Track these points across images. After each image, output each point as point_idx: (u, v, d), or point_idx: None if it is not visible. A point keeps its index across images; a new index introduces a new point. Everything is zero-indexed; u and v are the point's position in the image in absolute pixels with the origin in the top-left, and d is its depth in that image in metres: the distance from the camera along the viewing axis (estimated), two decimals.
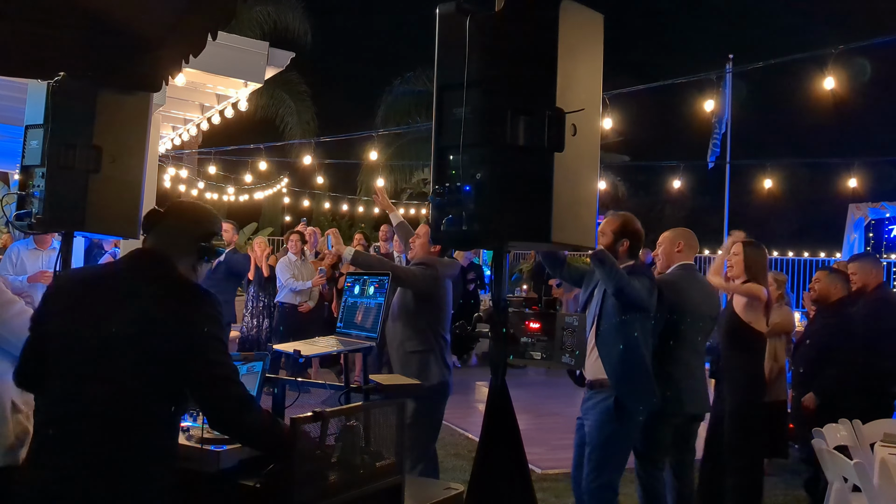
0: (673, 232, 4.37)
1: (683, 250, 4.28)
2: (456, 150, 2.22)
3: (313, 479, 2.19)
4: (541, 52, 2.15)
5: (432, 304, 4.41)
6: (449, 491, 2.77)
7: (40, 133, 2.82)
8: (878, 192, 13.04)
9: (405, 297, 4.41)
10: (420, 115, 19.56)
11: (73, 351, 2.08)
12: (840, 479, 3.84)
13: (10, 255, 5.93)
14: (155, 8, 2.64)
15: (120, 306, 2.08)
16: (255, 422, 2.17)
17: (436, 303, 4.41)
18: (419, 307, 4.37)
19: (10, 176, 9.48)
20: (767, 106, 26.15)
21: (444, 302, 4.46)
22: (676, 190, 11.48)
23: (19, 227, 2.96)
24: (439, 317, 4.42)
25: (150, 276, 2.16)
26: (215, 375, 2.09)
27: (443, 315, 4.46)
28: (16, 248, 5.97)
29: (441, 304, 4.44)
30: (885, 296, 5.35)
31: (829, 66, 6.83)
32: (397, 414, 2.54)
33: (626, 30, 28.99)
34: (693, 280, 4.22)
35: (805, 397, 5.06)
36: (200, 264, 2.28)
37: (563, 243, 2.22)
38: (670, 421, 3.99)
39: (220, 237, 2.36)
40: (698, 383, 4.09)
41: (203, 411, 2.17)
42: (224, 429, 2.20)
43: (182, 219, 2.31)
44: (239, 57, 5.74)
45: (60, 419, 2.04)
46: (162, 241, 2.25)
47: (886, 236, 11.33)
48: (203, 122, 7.47)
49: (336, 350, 3.18)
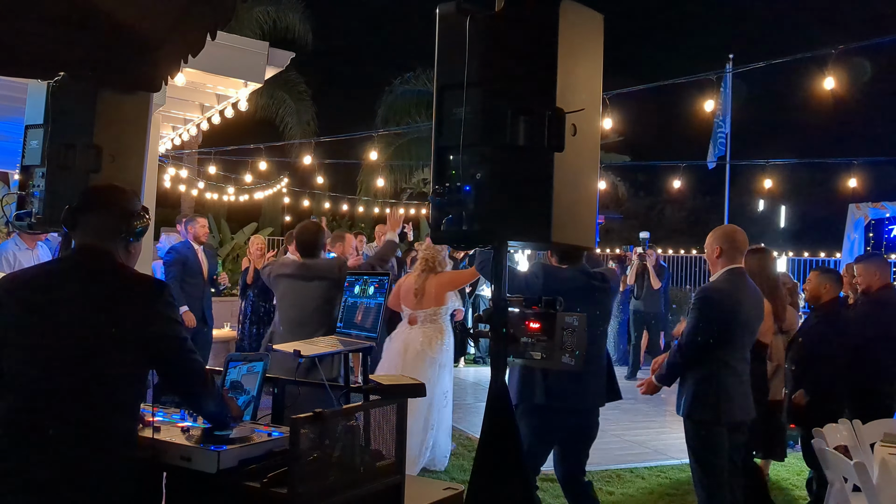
0: (711, 235, 4.11)
1: (724, 254, 3.98)
2: (456, 150, 2.22)
3: (313, 479, 2.19)
4: (541, 52, 2.15)
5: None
6: (449, 491, 2.77)
7: (40, 133, 2.82)
8: (878, 192, 13.03)
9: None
10: (420, 115, 19.55)
11: (35, 350, 2.11)
12: (840, 479, 3.85)
13: (6, 256, 5.92)
14: (155, 8, 2.64)
15: (80, 305, 2.14)
16: (216, 392, 2.42)
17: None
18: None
19: (10, 176, 9.46)
20: (767, 106, 26.17)
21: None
22: (676, 190, 11.48)
23: (19, 227, 2.96)
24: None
25: (100, 271, 2.23)
26: (180, 352, 2.25)
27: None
28: (10, 251, 5.97)
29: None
30: (885, 297, 5.34)
31: (829, 66, 6.83)
32: (397, 414, 2.53)
33: (626, 30, 28.98)
34: (740, 286, 3.97)
35: (795, 394, 5.08)
36: (129, 247, 2.33)
37: (563, 243, 2.22)
38: (724, 428, 3.89)
39: (141, 215, 2.35)
40: (746, 390, 3.98)
41: (171, 386, 2.47)
42: (194, 400, 2.41)
43: (100, 208, 2.31)
44: (239, 57, 5.74)
45: (25, 411, 2.08)
46: (91, 235, 2.27)
47: (886, 236, 11.31)
48: (203, 122, 7.47)
49: (336, 350, 3.18)
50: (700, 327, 3.86)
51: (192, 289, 6.97)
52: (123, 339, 2.13)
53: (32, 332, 2.12)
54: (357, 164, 17.02)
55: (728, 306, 3.89)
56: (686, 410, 3.91)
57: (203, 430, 2.42)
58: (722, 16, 33.78)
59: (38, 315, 2.13)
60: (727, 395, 3.86)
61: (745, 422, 4.00)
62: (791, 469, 6.16)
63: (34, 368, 2.10)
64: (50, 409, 2.06)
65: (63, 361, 2.09)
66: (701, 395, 3.86)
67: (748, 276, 4.06)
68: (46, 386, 2.08)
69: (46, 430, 2.04)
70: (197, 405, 2.45)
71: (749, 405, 3.98)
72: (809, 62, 7.32)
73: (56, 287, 2.19)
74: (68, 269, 2.27)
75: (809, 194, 21.49)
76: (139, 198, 2.47)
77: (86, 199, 2.33)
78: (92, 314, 2.13)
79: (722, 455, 3.89)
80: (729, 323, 3.89)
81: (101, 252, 2.25)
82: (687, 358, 3.92)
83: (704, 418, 3.86)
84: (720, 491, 3.89)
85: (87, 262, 2.24)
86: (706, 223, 20.68)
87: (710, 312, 3.88)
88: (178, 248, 7.14)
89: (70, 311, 2.13)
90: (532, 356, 2.35)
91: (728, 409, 3.86)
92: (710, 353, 3.86)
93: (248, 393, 2.71)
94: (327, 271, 4.57)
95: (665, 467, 6.22)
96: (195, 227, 7.15)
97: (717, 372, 3.87)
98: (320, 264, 4.67)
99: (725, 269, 3.99)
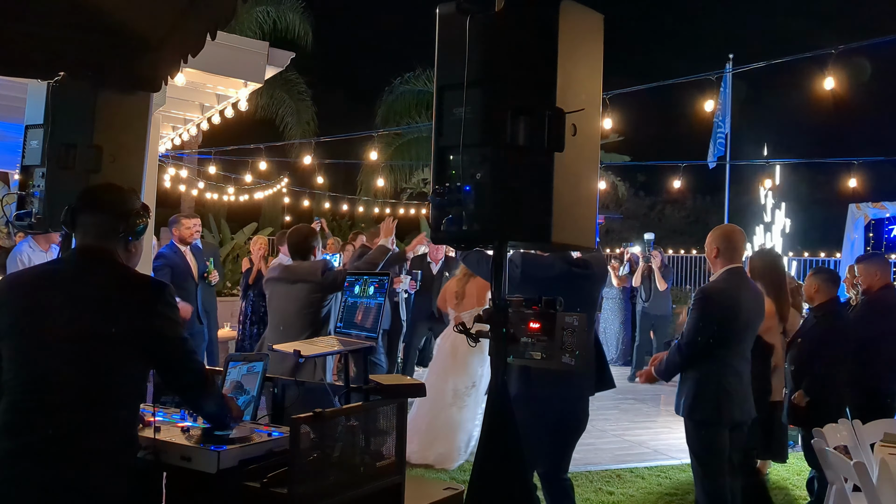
0: (710, 235, 4.10)
1: (721, 254, 3.98)
2: (456, 150, 2.22)
3: (313, 479, 2.19)
4: (541, 52, 2.15)
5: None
6: (449, 491, 2.77)
7: (40, 133, 2.82)
8: (879, 192, 13.03)
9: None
10: (420, 115, 19.55)
11: (34, 350, 2.11)
12: (840, 479, 3.85)
13: (21, 258, 5.90)
14: (155, 8, 2.64)
15: (80, 305, 2.15)
16: (216, 392, 2.44)
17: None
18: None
19: (10, 176, 9.45)
20: (767, 106, 26.18)
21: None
22: (676, 190, 11.47)
23: (19, 227, 2.96)
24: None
25: (100, 272, 2.23)
26: (180, 352, 2.27)
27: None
28: (24, 253, 5.94)
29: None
30: (886, 297, 5.34)
31: (829, 66, 6.82)
32: (397, 414, 2.53)
33: (626, 30, 29.00)
34: (740, 285, 3.97)
35: (795, 395, 5.08)
36: (129, 246, 2.32)
37: (563, 243, 2.22)
38: (725, 428, 3.89)
39: (140, 214, 2.34)
40: (747, 389, 3.97)
41: (172, 386, 2.46)
42: (193, 400, 2.42)
43: (99, 208, 2.31)
44: (239, 57, 5.74)
45: (24, 411, 2.08)
46: (91, 235, 2.27)
47: (886, 236, 11.31)
48: (203, 122, 7.47)
49: (336, 350, 3.18)
50: (700, 327, 3.86)
51: (183, 291, 6.92)
52: (123, 340, 2.14)
53: (32, 332, 2.13)
54: (357, 164, 17.01)
55: (728, 306, 3.89)
56: (686, 410, 3.91)
57: (203, 430, 2.43)
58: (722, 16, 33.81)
59: (39, 315, 2.14)
60: (727, 395, 3.85)
61: (746, 422, 3.99)
62: (791, 469, 6.16)
63: (34, 368, 2.10)
64: (49, 408, 2.06)
65: (63, 362, 2.09)
66: (701, 395, 3.86)
67: (748, 276, 4.06)
68: (46, 386, 2.08)
69: (46, 429, 2.04)
70: (196, 405, 2.45)
71: (749, 405, 3.98)
72: (809, 62, 7.32)
73: (56, 288, 2.19)
74: (68, 269, 2.28)
75: (809, 194, 21.48)
76: (138, 196, 2.46)
77: (84, 200, 2.33)
78: (92, 315, 2.13)
79: (722, 455, 3.88)
80: (729, 322, 3.88)
81: (100, 252, 2.25)
82: (687, 357, 3.91)
83: (705, 418, 3.86)
84: (720, 491, 3.88)
85: (87, 262, 2.25)
86: (706, 223, 20.71)
87: (709, 312, 3.88)
88: (164, 252, 7.12)
89: (70, 312, 2.13)
90: (532, 356, 2.35)
91: (728, 409, 3.85)
92: (710, 353, 3.86)
93: (248, 393, 2.71)
94: (309, 274, 4.57)
95: (665, 467, 6.22)
96: (180, 228, 7.12)
97: (718, 372, 3.86)
98: (303, 267, 4.67)
99: (725, 269, 4.00)
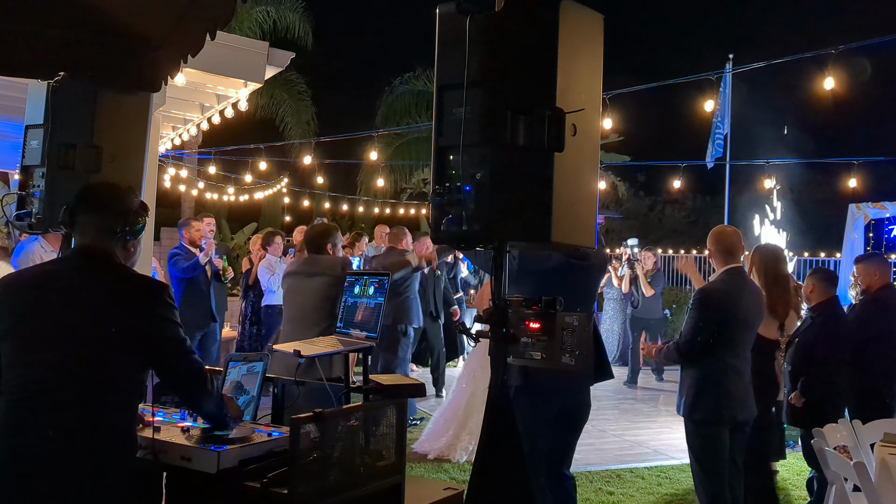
0: (709, 237, 4.14)
1: (717, 255, 4.02)
2: (456, 150, 2.22)
3: (313, 479, 2.19)
4: (541, 52, 2.15)
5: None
6: (449, 491, 2.77)
7: (40, 133, 2.82)
8: (879, 192, 13.02)
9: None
10: (420, 115, 19.55)
11: (34, 350, 2.11)
12: (840, 479, 3.85)
13: (32, 258, 5.87)
14: (155, 8, 2.64)
15: (79, 306, 2.15)
16: (215, 393, 2.45)
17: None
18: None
19: (10, 176, 9.45)
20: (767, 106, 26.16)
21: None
22: (676, 190, 11.46)
23: (19, 227, 2.95)
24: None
25: (99, 272, 2.23)
26: (178, 352, 2.28)
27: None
28: (36, 253, 5.91)
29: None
30: (885, 297, 5.34)
31: (829, 66, 6.83)
32: (397, 414, 2.53)
33: (627, 30, 29.00)
34: (739, 285, 3.99)
35: (792, 395, 5.08)
36: (127, 245, 2.32)
37: (563, 243, 2.22)
38: (725, 428, 3.89)
39: (138, 212, 2.34)
40: (748, 389, 3.98)
41: (171, 386, 2.50)
42: (192, 400, 2.43)
43: (96, 208, 2.31)
44: (239, 57, 5.73)
45: (24, 411, 2.08)
46: (90, 235, 2.27)
47: (886, 236, 11.31)
48: (203, 122, 7.46)
49: (336, 350, 3.18)
50: (699, 327, 3.86)
51: (196, 291, 7.17)
52: (122, 340, 2.14)
53: (32, 332, 2.13)
54: (357, 164, 17.01)
55: (727, 305, 3.90)
56: (686, 410, 3.91)
57: (203, 430, 2.43)
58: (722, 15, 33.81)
59: (38, 315, 2.14)
60: (728, 394, 3.85)
61: (747, 421, 3.99)
62: (791, 469, 6.16)
63: (33, 368, 2.10)
64: (49, 409, 2.06)
65: (62, 362, 2.09)
66: (701, 395, 3.86)
67: (748, 275, 4.07)
68: (45, 386, 2.08)
69: (46, 430, 2.04)
70: (195, 405, 2.45)
71: (750, 405, 3.97)
72: (809, 62, 7.33)
73: (55, 288, 2.19)
74: (67, 269, 2.28)
75: (809, 194, 21.47)
76: (137, 195, 2.46)
77: (82, 199, 2.33)
78: (91, 315, 2.13)
79: (722, 455, 3.88)
80: (728, 322, 3.89)
81: (99, 252, 2.25)
82: (686, 357, 3.91)
83: (705, 418, 3.86)
84: (721, 491, 3.88)
85: (86, 262, 2.25)
86: (706, 223, 20.69)
87: (708, 312, 3.88)
88: (176, 252, 7.26)
89: (69, 312, 2.13)
90: (532, 356, 2.35)
91: (729, 408, 3.85)
92: (710, 353, 3.86)
93: (248, 393, 2.71)
94: (329, 268, 4.57)
95: (665, 467, 6.22)
96: (189, 231, 7.36)
97: (718, 371, 3.86)
98: (323, 260, 4.67)
99: (723, 269, 4.02)
